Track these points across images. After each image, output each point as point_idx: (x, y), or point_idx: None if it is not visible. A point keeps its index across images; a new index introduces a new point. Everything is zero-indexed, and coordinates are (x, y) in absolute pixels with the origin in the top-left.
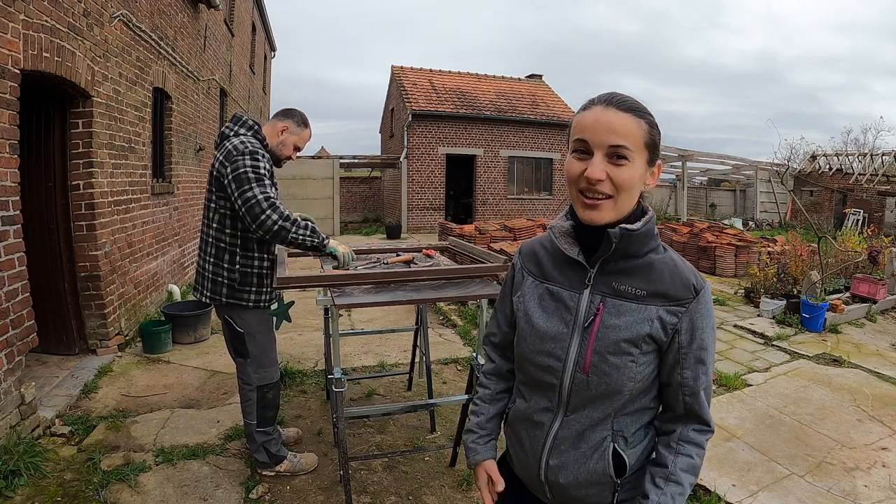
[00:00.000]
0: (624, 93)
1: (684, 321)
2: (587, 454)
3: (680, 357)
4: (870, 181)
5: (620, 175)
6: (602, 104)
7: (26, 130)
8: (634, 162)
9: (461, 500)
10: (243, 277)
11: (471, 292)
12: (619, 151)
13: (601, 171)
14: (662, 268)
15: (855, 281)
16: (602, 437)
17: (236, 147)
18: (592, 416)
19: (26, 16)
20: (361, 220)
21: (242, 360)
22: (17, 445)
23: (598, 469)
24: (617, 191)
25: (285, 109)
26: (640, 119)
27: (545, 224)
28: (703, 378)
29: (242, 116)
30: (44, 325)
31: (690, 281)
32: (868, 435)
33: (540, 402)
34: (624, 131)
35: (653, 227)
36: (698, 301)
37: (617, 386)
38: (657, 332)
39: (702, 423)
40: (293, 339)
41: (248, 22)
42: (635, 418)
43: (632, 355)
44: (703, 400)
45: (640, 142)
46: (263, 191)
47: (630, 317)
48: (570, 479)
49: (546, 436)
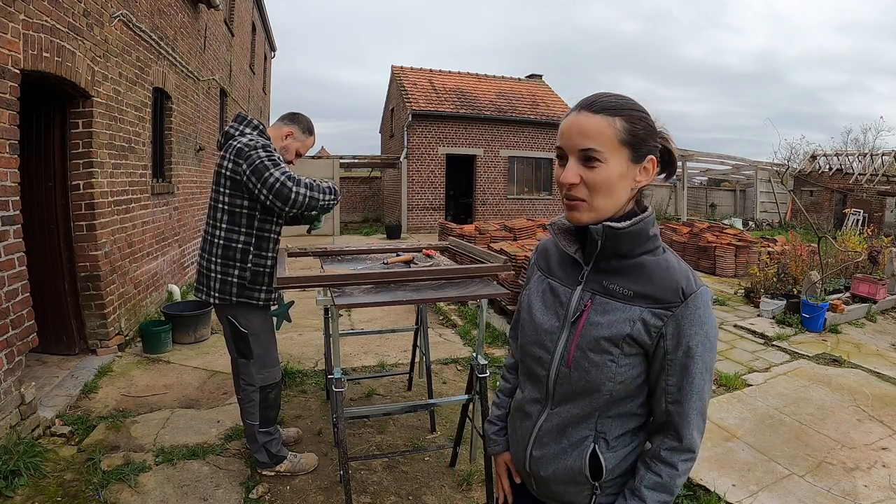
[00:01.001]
0: (613, 92)
1: (670, 325)
2: (566, 450)
3: (665, 363)
4: (870, 181)
5: (593, 177)
6: (577, 109)
7: (26, 130)
8: (608, 162)
9: (461, 500)
10: (254, 276)
11: (471, 292)
12: (588, 154)
13: (572, 174)
14: (653, 269)
15: (855, 281)
16: (584, 435)
17: (247, 144)
18: (574, 411)
19: (26, 16)
20: (361, 220)
21: (246, 360)
22: (17, 445)
23: (575, 467)
24: (590, 193)
25: (291, 114)
26: (614, 118)
27: (545, 224)
28: (690, 390)
29: (247, 116)
30: (44, 325)
31: (679, 285)
32: (868, 435)
33: (532, 393)
34: (593, 133)
35: (646, 228)
36: (686, 306)
37: (595, 384)
38: (639, 333)
39: (678, 441)
40: (293, 339)
41: (248, 22)
42: (620, 423)
43: (611, 354)
44: (688, 414)
45: (613, 141)
46: (283, 171)
47: (613, 315)
48: (549, 473)
49: (533, 427)
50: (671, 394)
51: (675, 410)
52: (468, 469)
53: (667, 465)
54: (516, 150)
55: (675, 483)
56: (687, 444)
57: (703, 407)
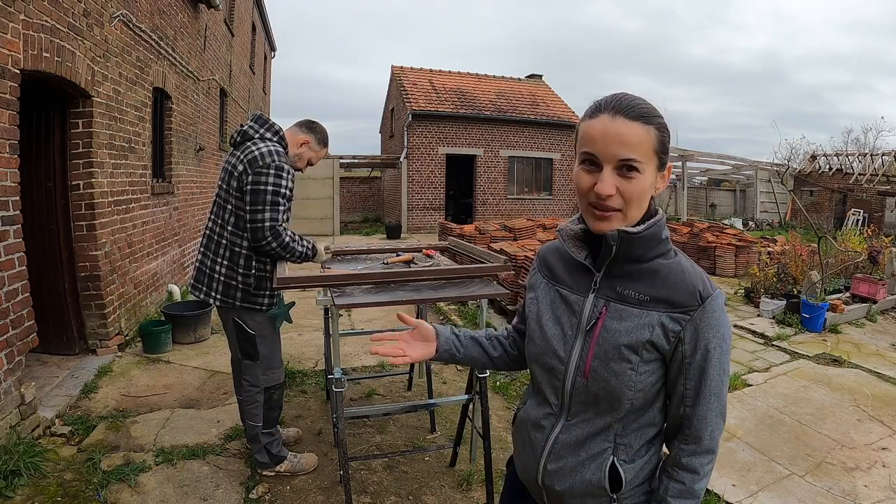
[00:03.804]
0: (632, 94)
1: (688, 329)
2: (584, 463)
3: (683, 367)
4: (870, 181)
5: (631, 189)
6: (609, 112)
7: (26, 130)
8: (645, 173)
9: (461, 500)
10: (259, 282)
11: (471, 292)
12: (629, 164)
13: (611, 185)
14: (668, 273)
15: (855, 281)
16: (602, 447)
17: (263, 156)
18: (593, 423)
19: (26, 16)
20: (361, 220)
21: (252, 362)
22: (17, 445)
23: (594, 480)
24: (626, 203)
25: (310, 123)
26: (650, 125)
27: (545, 224)
28: (708, 392)
29: (268, 119)
30: (44, 325)
31: (697, 288)
32: (868, 435)
33: (544, 404)
34: (633, 142)
35: (659, 231)
36: (704, 309)
37: (616, 393)
38: (658, 338)
39: (698, 444)
40: (293, 339)
41: (248, 22)
42: (640, 433)
43: (631, 362)
44: (707, 417)
45: (651, 150)
46: (273, 216)
47: (631, 322)
48: (566, 487)
49: (546, 439)
50: (689, 398)
51: (693, 414)
52: (468, 469)
53: (688, 470)
54: (516, 150)
55: (699, 487)
56: (706, 447)
57: (722, 408)
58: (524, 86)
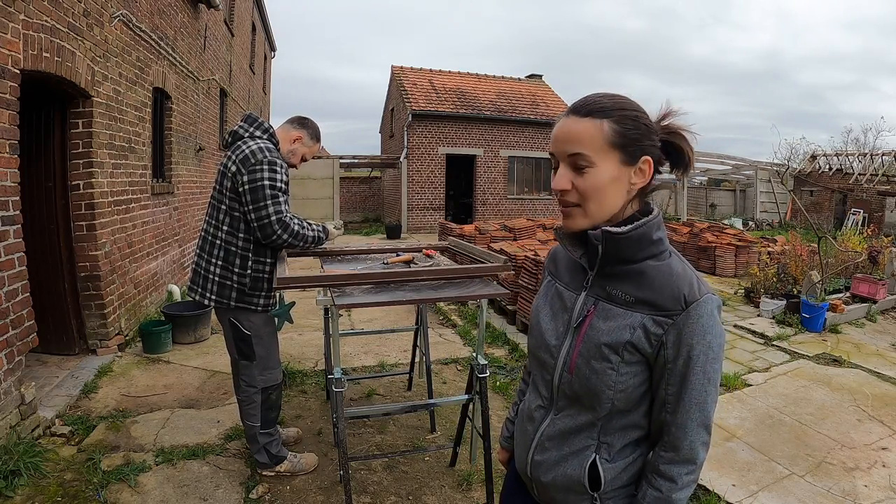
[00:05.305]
0: (608, 93)
1: (671, 334)
2: (567, 457)
3: (665, 372)
4: (870, 181)
5: (584, 184)
6: (567, 113)
7: (26, 130)
8: (598, 166)
9: (461, 500)
10: (254, 283)
11: (471, 292)
12: (577, 160)
13: (564, 181)
14: (655, 275)
15: (855, 281)
16: (585, 444)
17: (254, 153)
18: (576, 419)
19: (26, 16)
20: (361, 220)
21: (248, 362)
22: (17, 445)
23: (574, 476)
24: (583, 198)
25: (301, 118)
26: (602, 120)
27: (545, 224)
28: (689, 400)
29: (258, 118)
30: (44, 325)
31: (682, 291)
32: (868, 435)
33: (537, 397)
34: (581, 138)
35: (649, 231)
36: (688, 314)
37: (595, 391)
38: (640, 340)
39: (675, 452)
40: (293, 339)
41: (248, 22)
42: (623, 434)
43: (611, 362)
44: (686, 425)
45: (602, 144)
46: (277, 209)
47: (615, 322)
48: (549, 479)
49: (536, 431)
50: (670, 404)
51: (672, 421)
52: (468, 469)
53: (666, 478)
54: (516, 150)
55: (676, 497)
56: (684, 456)
57: (705, 419)
58: (524, 86)
